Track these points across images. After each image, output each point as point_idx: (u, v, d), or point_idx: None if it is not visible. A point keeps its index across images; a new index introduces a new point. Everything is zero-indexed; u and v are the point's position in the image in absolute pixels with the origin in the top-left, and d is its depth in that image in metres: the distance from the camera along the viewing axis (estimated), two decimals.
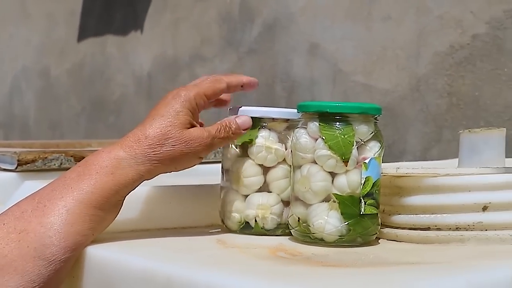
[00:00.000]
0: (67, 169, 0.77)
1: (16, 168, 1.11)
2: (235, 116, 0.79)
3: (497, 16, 1.26)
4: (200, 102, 0.77)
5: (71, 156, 1.14)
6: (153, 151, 0.73)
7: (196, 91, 0.77)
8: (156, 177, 0.76)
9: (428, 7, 1.37)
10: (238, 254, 0.70)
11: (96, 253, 0.70)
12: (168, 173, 0.77)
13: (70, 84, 2.40)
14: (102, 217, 0.72)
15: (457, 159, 0.87)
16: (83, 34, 2.34)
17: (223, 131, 0.77)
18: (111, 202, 0.72)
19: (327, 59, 1.55)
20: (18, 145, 1.45)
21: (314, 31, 1.58)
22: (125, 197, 0.74)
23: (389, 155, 1.42)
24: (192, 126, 0.76)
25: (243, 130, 0.79)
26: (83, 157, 0.88)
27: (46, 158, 1.12)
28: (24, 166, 1.11)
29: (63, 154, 1.13)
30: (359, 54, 1.49)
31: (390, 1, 1.44)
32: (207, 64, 1.86)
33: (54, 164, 1.13)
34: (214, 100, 0.82)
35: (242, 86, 0.81)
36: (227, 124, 0.78)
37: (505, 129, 0.84)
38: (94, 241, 0.72)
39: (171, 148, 0.74)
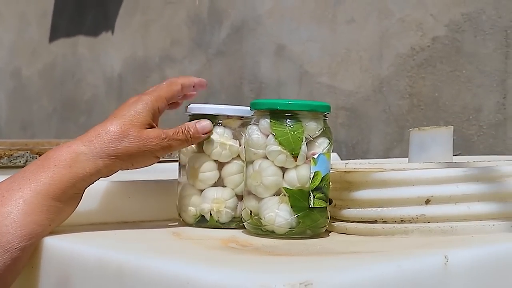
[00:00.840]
0: None
1: None
2: (196, 121, 0.82)
3: (455, 19, 1.29)
4: (161, 105, 0.81)
5: (37, 154, 1.15)
6: (112, 146, 0.76)
7: (156, 95, 0.81)
8: (116, 173, 0.79)
9: (390, 10, 1.39)
10: (191, 245, 0.72)
11: (53, 243, 0.72)
12: (127, 170, 0.79)
13: (41, 85, 2.40)
14: (60, 208, 0.74)
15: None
16: (54, 35, 2.34)
17: (180, 133, 0.80)
18: (68, 194, 0.74)
19: (293, 61, 1.58)
20: None
21: (280, 33, 1.60)
22: (84, 190, 0.76)
23: (352, 155, 1.45)
24: (152, 127, 0.79)
25: (203, 134, 0.81)
26: None
27: (11, 155, 1.13)
28: None
29: (29, 152, 1.15)
30: (324, 56, 1.51)
31: (354, 4, 1.46)
32: (176, 65, 1.88)
33: (20, 161, 1.14)
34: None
35: (194, 86, 0.85)
36: (186, 128, 0.80)
37: (452, 127, 0.87)
38: (52, 233, 0.74)
39: (129, 145, 0.77)
